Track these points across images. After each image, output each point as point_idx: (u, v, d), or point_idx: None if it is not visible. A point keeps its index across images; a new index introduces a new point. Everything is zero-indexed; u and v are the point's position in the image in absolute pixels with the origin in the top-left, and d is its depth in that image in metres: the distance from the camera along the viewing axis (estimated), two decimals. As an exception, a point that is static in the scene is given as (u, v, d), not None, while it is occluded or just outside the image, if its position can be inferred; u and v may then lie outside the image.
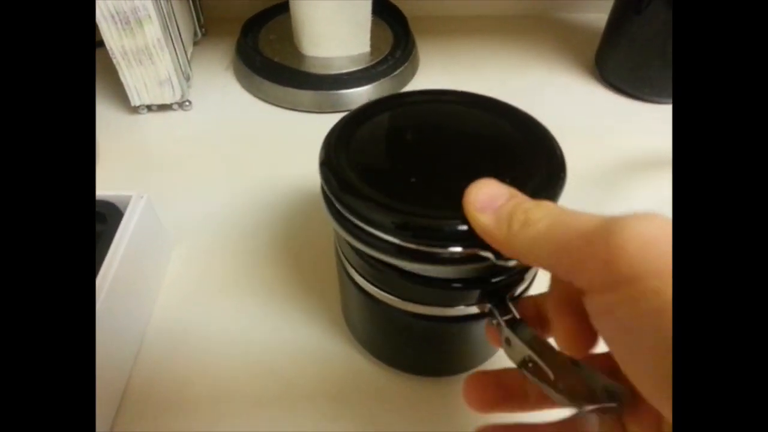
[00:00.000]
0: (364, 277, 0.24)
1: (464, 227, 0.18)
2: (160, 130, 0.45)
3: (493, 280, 0.21)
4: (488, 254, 0.18)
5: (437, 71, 0.53)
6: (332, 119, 0.24)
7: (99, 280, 0.26)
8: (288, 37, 0.50)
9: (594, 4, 0.59)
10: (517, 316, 0.22)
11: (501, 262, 0.19)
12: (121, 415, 0.27)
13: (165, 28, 0.42)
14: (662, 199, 0.38)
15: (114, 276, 0.27)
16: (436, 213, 0.19)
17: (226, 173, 0.41)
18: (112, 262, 0.27)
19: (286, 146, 0.44)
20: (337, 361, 0.30)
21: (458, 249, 0.19)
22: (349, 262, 0.24)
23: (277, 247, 0.36)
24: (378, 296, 0.24)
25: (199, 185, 0.40)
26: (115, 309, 0.27)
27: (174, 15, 0.44)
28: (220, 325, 0.31)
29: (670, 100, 0.48)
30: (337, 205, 0.21)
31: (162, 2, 0.41)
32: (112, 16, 0.39)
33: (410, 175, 0.21)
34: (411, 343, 0.27)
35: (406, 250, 0.19)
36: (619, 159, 0.42)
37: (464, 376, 0.29)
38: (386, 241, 0.19)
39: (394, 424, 0.27)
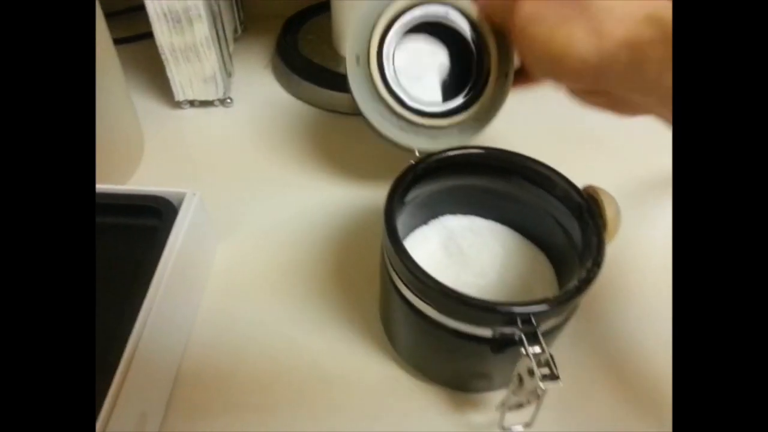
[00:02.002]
0: (409, 289, 0.25)
1: None
2: (201, 125, 0.47)
3: (527, 309, 0.22)
4: None
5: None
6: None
7: (158, 273, 0.27)
8: (326, 38, 0.51)
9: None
10: (546, 350, 0.23)
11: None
12: (174, 398, 0.29)
13: (213, 27, 0.43)
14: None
15: (171, 269, 0.28)
16: None
17: (265, 171, 0.42)
18: (170, 257, 0.29)
19: (324, 147, 0.45)
20: (373, 364, 0.31)
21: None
22: (396, 273, 0.26)
23: (313, 246, 0.37)
24: (420, 308, 0.25)
25: (239, 182, 0.41)
26: (171, 300, 0.29)
27: (221, 14, 0.46)
28: (262, 321, 0.33)
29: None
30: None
31: (212, 1, 0.42)
32: (165, 15, 0.40)
33: None
34: (445, 357, 0.28)
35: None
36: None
37: (493, 394, 0.30)
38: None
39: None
